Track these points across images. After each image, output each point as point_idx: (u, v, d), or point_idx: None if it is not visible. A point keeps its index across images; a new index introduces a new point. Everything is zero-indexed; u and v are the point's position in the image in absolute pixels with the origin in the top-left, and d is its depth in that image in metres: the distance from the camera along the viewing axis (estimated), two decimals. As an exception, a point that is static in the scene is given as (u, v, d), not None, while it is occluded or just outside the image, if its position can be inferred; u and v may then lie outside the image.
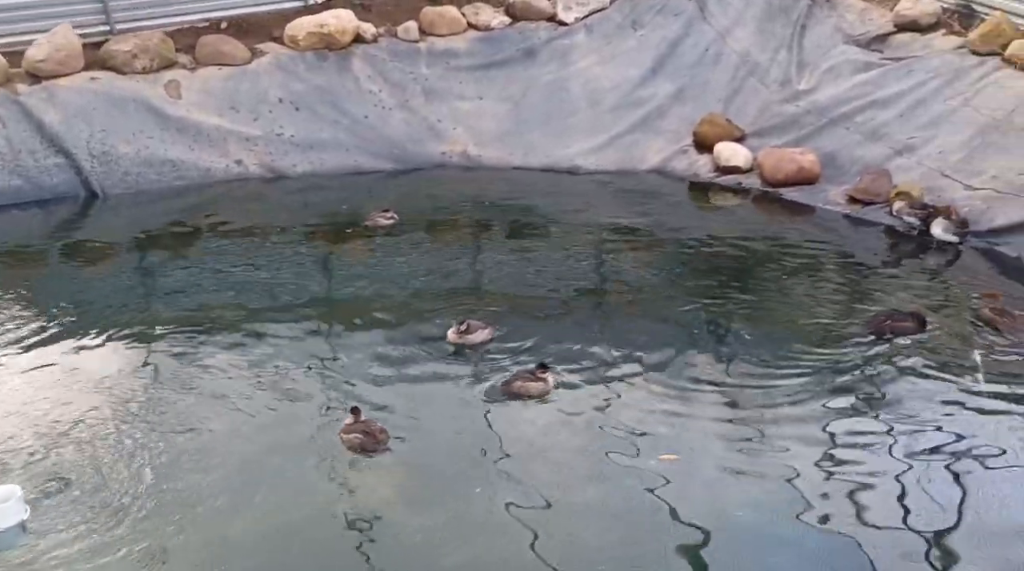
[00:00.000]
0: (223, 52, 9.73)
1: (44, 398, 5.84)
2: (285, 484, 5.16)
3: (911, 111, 9.04)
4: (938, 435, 5.52)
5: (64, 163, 8.91)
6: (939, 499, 5.00)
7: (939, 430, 5.56)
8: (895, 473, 5.20)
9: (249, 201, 9.05)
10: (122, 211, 8.77)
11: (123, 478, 5.08)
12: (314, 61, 9.83)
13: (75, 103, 9.00)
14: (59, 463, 5.19)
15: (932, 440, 5.47)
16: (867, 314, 6.78)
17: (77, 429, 5.49)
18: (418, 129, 9.84)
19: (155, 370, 6.24)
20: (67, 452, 5.27)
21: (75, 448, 5.33)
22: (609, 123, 10.01)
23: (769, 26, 10.49)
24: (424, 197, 9.11)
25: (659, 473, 5.20)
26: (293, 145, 9.54)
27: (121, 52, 9.36)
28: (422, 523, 4.84)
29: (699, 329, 6.71)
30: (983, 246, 7.77)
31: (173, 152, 9.18)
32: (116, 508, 4.85)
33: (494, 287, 7.44)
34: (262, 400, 5.87)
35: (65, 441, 5.38)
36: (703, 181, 9.42)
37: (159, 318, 6.89)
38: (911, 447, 5.40)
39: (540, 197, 9.23)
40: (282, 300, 7.14)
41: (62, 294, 7.27)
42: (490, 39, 10.32)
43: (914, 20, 9.72)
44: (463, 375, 6.16)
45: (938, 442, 5.45)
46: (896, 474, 5.20)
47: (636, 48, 10.44)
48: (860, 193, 8.56)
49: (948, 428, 5.59)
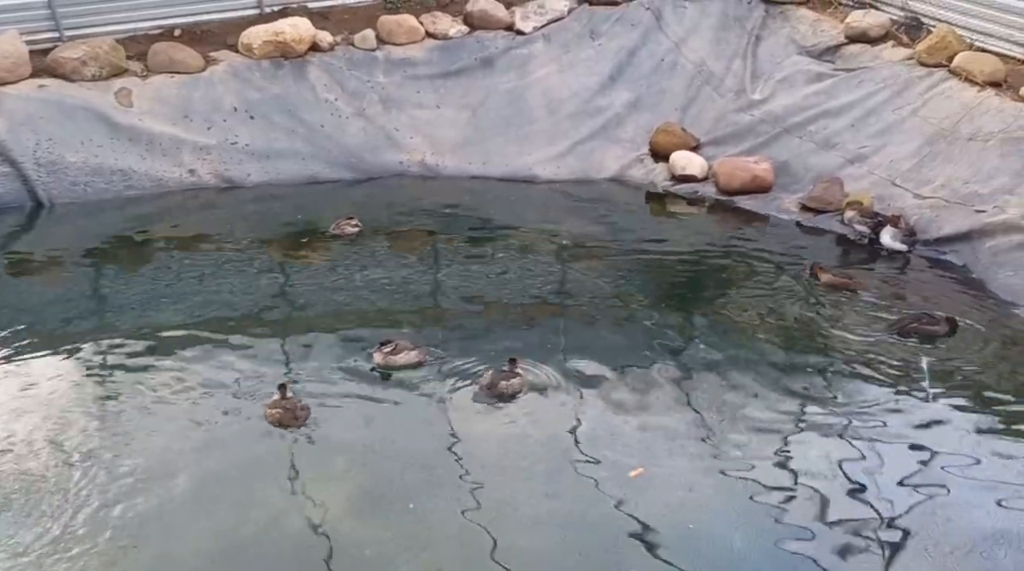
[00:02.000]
0: (176, 60, 9.58)
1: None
2: (236, 500, 5.08)
3: (862, 121, 9.22)
4: (896, 443, 5.64)
5: (9, 172, 8.67)
6: (898, 510, 5.09)
7: (897, 438, 5.68)
8: (852, 482, 5.29)
9: (202, 211, 8.90)
10: (69, 221, 8.56)
11: (67, 497, 4.95)
12: (270, 69, 9.72)
13: (21, 111, 8.78)
14: (2, 481, 5.03)
15: (890, 449, 5.57)
16: (815, 324, 6.90)
17: (18, 447, 5.34)
18: (376, 138, 9.78)
19: (102, 385, 6.11)
20: (6, 471, 5.12)
21: (15, 467, 5.18)
22: (567, 132, 10.05)
23: (724, 36, 10.63)
24: (382, 206, 9.05)
25: (618, 484, 5.21)
26: (248, 154, 9.41)
27: (70, 59, 9.16)
28: (375, 536, 4.79)
29: (657, 338, 6.76)
30: (931, 254, 7.95)
31: (124, 161, 9.00)
32: (60, 528, 4.72)
33: (452, 296, 7.41)
34: (213, 415, 5.77)
35: (4, 460, 5.22)
36: (659, 190, 9.51)
37: (107, 331, 6.74)
38: (868, 456, 5.50)
39: (499, 206, 9.23)
40: (236, 312, 7.04)
41: (5, 307, 7.08)
42: (448, 48, 10.30)
43: (864, 32, 9.92)
44: (422, 385, 6.12)
45: (896, 452, 5.56)
46: (853, 483, 5.28)
47: (594, 57, 10.51)
48: (813, 201, 8.70)
49: (905, 436, 5.71)
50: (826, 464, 5.44)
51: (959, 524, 4.97)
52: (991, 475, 5.34)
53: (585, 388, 6.14)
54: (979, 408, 5.95)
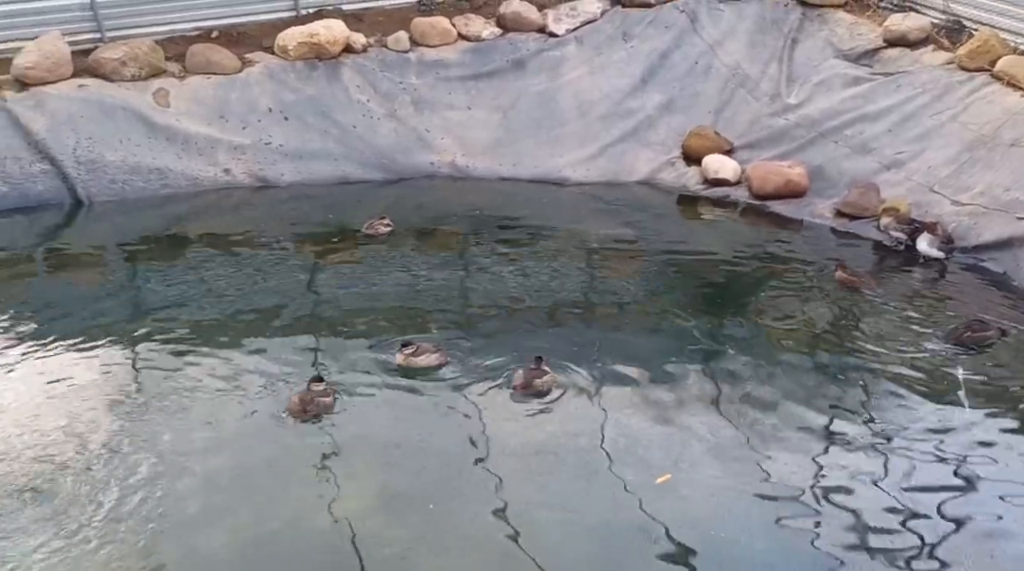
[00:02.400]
0: (213, 61, 9.72)
1: (19, 407, 5.79)
2: (261, 496, 5.12)
3: (900, 126, 9.05)
4: (929, 455, 5.49)
5: (50, 170, 8.87)
6: (930, 521, 4.96)
7: (931, 450, 5.53)
8: (886, 495, 5.16)
9: (236, 210, 9.02)
10: (107, 219, 8.73)
11: (97, 490, 5.03)
12: (304, 71, 9.82)
13: (63, 110, 8.97)
14: (31, 473, 5.13)
15: (924, 460, 5.44)
16: (850, 332, 6.78)
17: (52, 439, 5.45)
18: (407, 139, 9.83)
19: (135, 380, 6.21)
20: (40, 462, 5.23)
21: (49, 458, 5.28)
22: (598, 134, 10.01)
23: (760, 39, 10.51)
24: (412, 207, 9.09)
25: (643, 489, 5.16)
26: (282, 154, 9.52)
27: (110, 60, 9.34)
28: (397, 535, 4.81)
29: (687, 343, 6.69)
30: (969, 262, 7.77)
31: (161, 160, 9.16)
32: (89, 520, 4.80)
33: (481, 297, 7.42)
34: (241, 411, 5.84)
35: (40, 450, 5.33)
36: (691, 193, 9.42)
37: (142, 328, 6.84)
38: (903, 468, 5.37)
39: (528, 208, 9.21)
40: (267, 310, 7.11)
41: (45, 302, 7.23)
42: (480, 50, 10.32)
43: (903, 35, 9.74)
44: (449, 385, 6.13)
45: (929, 462, 5.43)
46: (886, 495, 5.16)
47: (626, 59, 10.45)
48: (848, 207, 8.56)
49: (939, 448, 5.56)
50: (858, 479, 5.31)
51: (1005, 553, 4.80)
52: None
53: (612, 391, 6.10)
54: (1021, 423, 5.80)
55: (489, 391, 6.08)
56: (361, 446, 5.58)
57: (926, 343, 6.63)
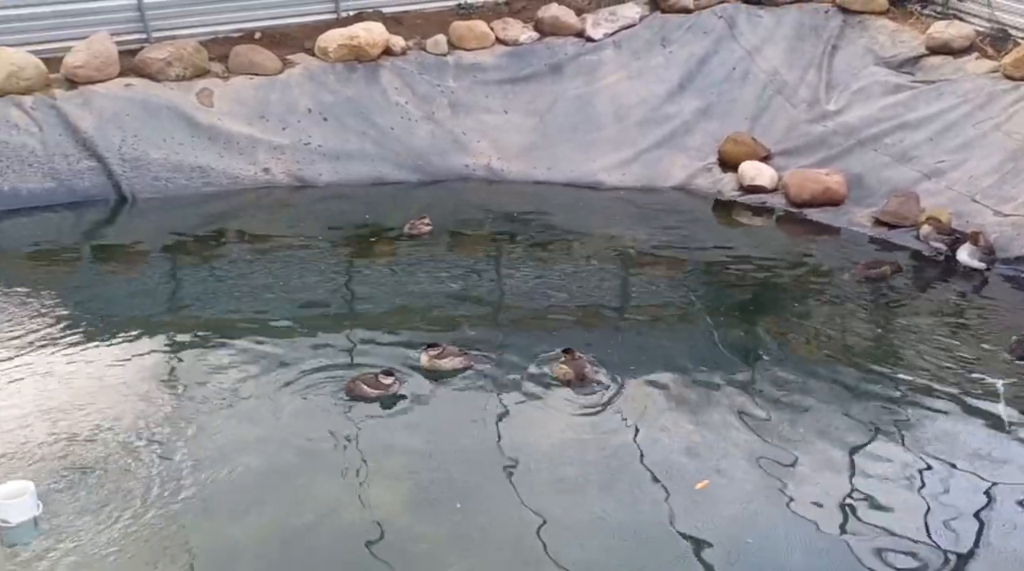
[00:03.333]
0: (255, 62, 9.89)
1: (64, 397, 5.94)
2: (294, 491, 5.20)
3: (941, 135, 8.92)
4: (965, 470, 5.38)
5: (96, 167, 9.09)
6: (963, 539, 4.87)
7: (967, 463, 5.43)
8: (919, 507, 5.09)
9: (275, 209, 9.17)
10: (151, 215, 8.92)
11: (137, 479, 5.15)
12: (344, 73, 9.95)
13: (109, 108, 9.19)
14: (75, 461, 5.27)
15: (959, 475, 5.34)
16: (889, 340, 6.69)
17: (95, 429, 5.58)
18: (443, 141, 9.90)
19: (175, 374, 6.33)
20: (83, 451, 5.36)
21: (91, 448, 5.41)
22: (634, 139, 10.00)
23: (799, 46, 10.43)
24: (447, 209, 9.15)
25: (674, 494, 5.14)
26: (320, 155, 9.65)
27: (156, 60, 9.56)
28: (426, 533, 4.85)
29: (721, 350, 6.63)
30: (1011, 273, 7.63)
31: (203, 159, 9.34)
32: (128, 508, 4.91)
33: (514, 300, 7.45)
34: (279, 408, 5.92)
35: (82, 440, 5.47)
36: (727, 199, 9.38)
37: (182, 323, 6.98)
38: (937, 482, 5.27)
39: (563, 211, 9.23)
40: (305, 308, 7.19)
41: (89, 295, 7.42)
42: (518, 54, 10.37)
43: (946, 43, 9.61)
44: (480, 386, 6.16)
45: (965, 477, 5.32)
46: (921, 509, 5.08)
47: (664, 65, 10.44)
48: (887, 216, 8.46)
49: (976, 462, 5.45)
50: (891, 494, 5.22)
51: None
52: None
53: (644, 397, 6.08)
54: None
55: (519, 393, 6.10)
56: (391, 446, 5.62)
57: (964, 355, 6.52)
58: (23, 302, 7.17)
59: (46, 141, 8.96)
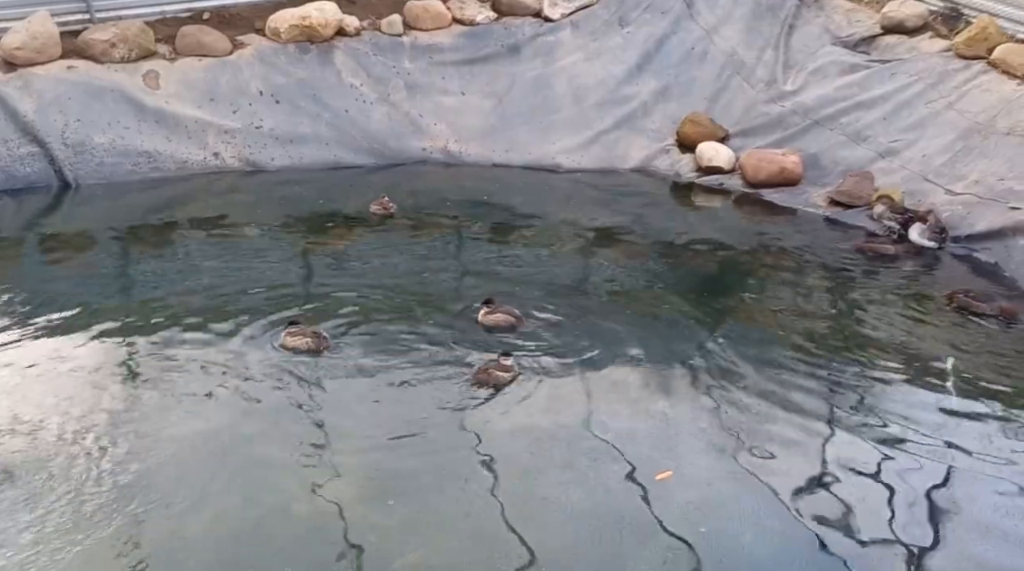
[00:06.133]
0: (204, 43, 9.62)
1: (7, 389, 5.74)
2: (247, 482, 5.08)
3: (895, 114, 9.00)
4: (923, 445, 5.45)
5: (37, 152, 8.78)
6: (925, 512, 4.92)
7: (925, 440, 5.49)
8: (880, 486, 5.12)
9: (226, 194, 8.95)
10: (96, 202, 8.65)
11: (79, 473, 4.99)
12: (296, 54, 9.73)
13: (51, 92, 8.88)
14: (12, 456, 5.10)
15: (915, 452, 5.39)
16: (844, 319, 6.75)
17: (36, 422, 5.40)
18: (400, 124, 9.75)
19: (123, 364, 6.15)
20: (22, 445, 5.19)
21: (32, 441, 5.24)
22: (593, 121, 9.94)
23: (757, 25, 10.43)
24: (405, 193, 9.00)
25: (639, 480, 5.12)
26: (272, 138, 9.44)
27: (99, 41, 9.24)
28: (386, 520, 4.77)
29: (681, 332, 6.64)
30: (961, 252, 7.74)
31: (150, 143, 9.07)
32: (70, 503, 4.76)
33: (473, 285, 7.36)
34: (230, 397, 5.78)
35: (21, 433, 5.29)
36: (685, 181, 9.37)
37: (131, 312, 6.78)
38: (894, 460, 5.32)
39: (522, 194, 9.16)
40: (258, 295, 7.03)
41: (32, 285, 7.16)
42: (475, 34, 10.23)
43: (901, 22, 9.67)
44: (440, 375, 6.07)
45: (922, 453, 5.38)
46: (881, 487, 5.12)
47: (622, 45, 10.37)
48: (842, 195, 8.51)
49: (934, 438, 5.51)
50: (853, 470, 5.25)
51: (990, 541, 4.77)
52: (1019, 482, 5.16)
53: (604, 381, 6.05)
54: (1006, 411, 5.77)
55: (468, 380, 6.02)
56: (347, 431, 5.53)
57: (913, 332, 6.60)
58: (-40, 294, 6.92)
59: (-16, 126, 8.63)
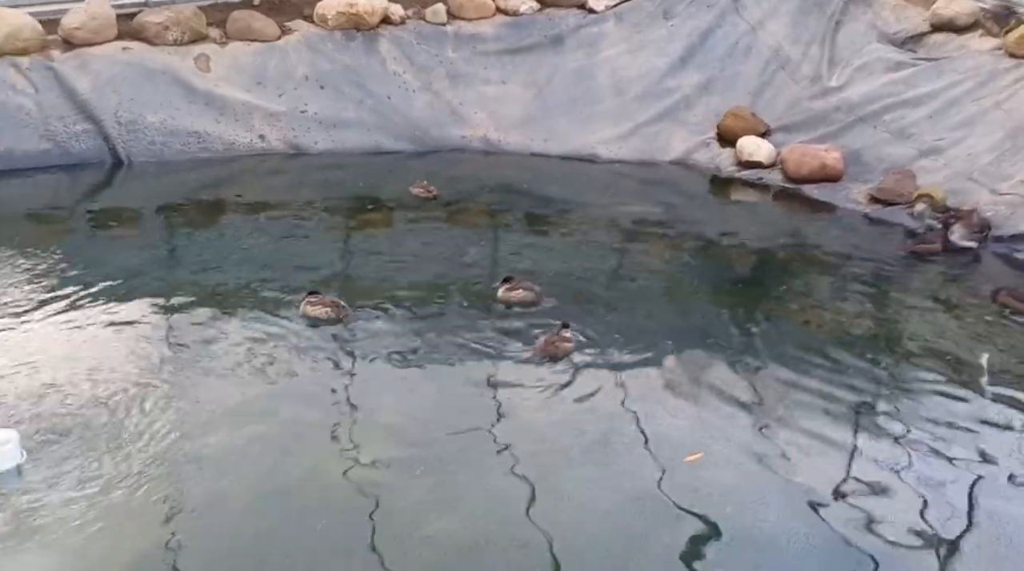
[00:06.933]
0: (253, 28, 9.86)
1: (58, 354, 5.95)
2: (282, 449, 5.21)
3: (941, 112, 8.86)
4: (956, 446, 5.31)
5: (92, 129, 9.10)
6: (954, 513, 4.79)
7: (957, 441, 5.34)
8: (910, 485, 4.99)
9: (270, 175, 9.17)
10: (146, 179, 8.93)
11: (127, 434, 5.16)
12: (342, 40, 9.91)
13: (106, 72, 9.18)
14: (61, 414, 5.30)
15: (950, 451, 5.26)
16: (880, 317, 6.66)
17: (83, 385, 5.60)
18: (440, 112, 9.87)
19: (168, 336, 6.33)
20: (70, 405, 5.38)
21: (82, 403, 5.42)
22: (633, 112, 9.95)
23: (803, 20, 10.34)
24: (443, 179, 9.10)
25: (664, 465, 5.12)
26: (316, 122, 9.63)
27: (154, 24, 9.53)
28: (411, 492, 4.86)
29: (715, 326, 6.56)
30: (1003, 251, 7.59)
31: (198, 124, 9.33)
32: (117, 462, 4.93)
33: (509, 271, 7.39)
34: (267, 368, 5.90)
35: (70, 394, 5.49)
36: (724, 175, 9.33)
37: (176, 286, 6.97)
38: (928, 459, 5.18)
39: (559, 184, 9.21)
40: (297, 272, 7.17)
41: (85, 257, 7.41)
42: (518, 24, 10.30)
43: (950, 20, 9.51)
44: (475, 356, 6.14)
45: (955, 454, 5.27)
46: (911, 488, 4.97)
47: (666, 38, 10.36)
48: (883, 193, 8.42)
49: (965, 439, 5.39)
50: (883, 468, 5.10)
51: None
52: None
53: (635, 371, 6.01)
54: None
55: (511, 363, 6.09)
56: (380, 404, 5.63)
57: (953, 332, 6.49)
58: (16, 262, 7.19)
59: (42, 103, 8.97)
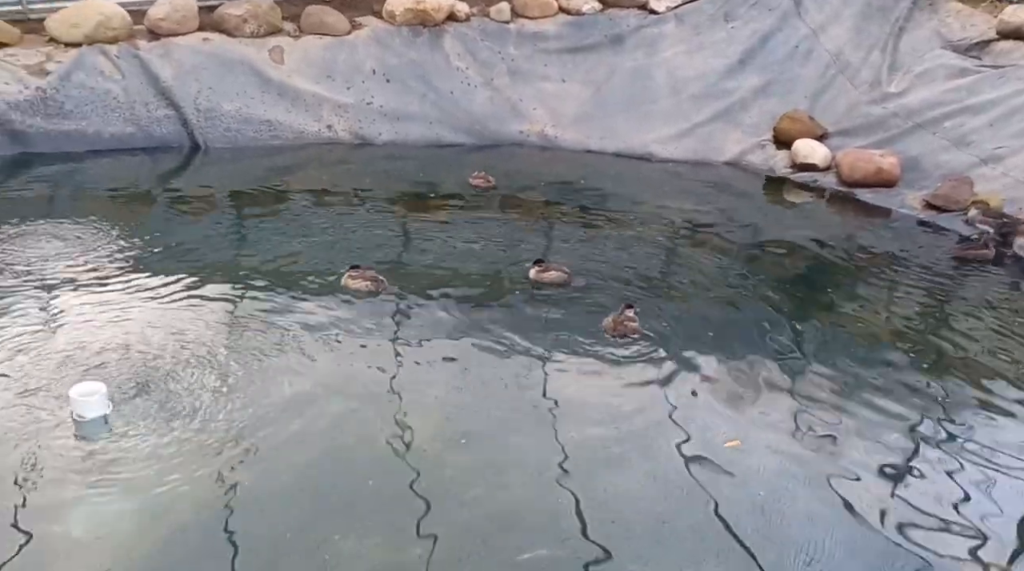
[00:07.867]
0: (325, 22, 10.28)
1: (136, 319, 6.39)
2: (335, 414, 5.52)
3: (1002, 120, 8.79)
4: (1010, 459, 5.26)
5: (173, 115, 9.64)
6: (1006, 530, 4.72)
7: (1012, 460, 5.27)
8: (956, 502, 4.94)
9: (336, 164, 9.58)
10: (221, 164, 9.43)
11: (196, 395, 5.56)
12: (408, 36, 10.26)
13: (188, 61, 9.70)
14: (142, 374, 5.72)
15: (1003, 465, 5.21)
16: (931, 325, 6.64)
17: (161, 349, 6.03)
18: (500, 107, 10.15)
19: (236, 310, 6.71)
20: (150, 366, 5.80)
21: (158, 363, 5.85)
22: (689, 113, 10.08)
23: (865, 26, 10.34)
24: (500, 173, 9.38)
25: (705, 456, 5.22)
26: (381, 115, 10.01)
27: (233, 16, 10.02)
28: (459, 461, 5.12)
29: (764, 328, 6.59)
30: (1060, 261, 7.53)
31: (271, 113, 9.79)
32: (191, 419, 5.31)
33: (560, 262, 7.60)
34: (332, 347, 6.21)
35: (150, 356, 5.92)
36: (778, 177, 9.40)
37: (245, 265, 7.37)
38: (978, 470, 5.14)
39: (613, 181, 9.39)
40: (360, 259, 7.49)
41: (163, 233, 7.88)
42: (580, 23, 10.52)
43: (1017, 28, 9.42)
44: (524, 339, 6.35)
45: (1009, 467, 5.21)
46: (957, 502, 4.93)
47: (725, 40, 10.46)
48: (938, 199, 8.41)
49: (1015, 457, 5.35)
50: (931, 479, 5.06)
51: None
52: None
53: (679, 364, 6.12)
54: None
55: (557, 346, 6.30)
56: (430, 379, 5.90)
57: (1010, 346, 6.40)
58: (101, 235, 7.71)
59: (128, 88, 9.53)
